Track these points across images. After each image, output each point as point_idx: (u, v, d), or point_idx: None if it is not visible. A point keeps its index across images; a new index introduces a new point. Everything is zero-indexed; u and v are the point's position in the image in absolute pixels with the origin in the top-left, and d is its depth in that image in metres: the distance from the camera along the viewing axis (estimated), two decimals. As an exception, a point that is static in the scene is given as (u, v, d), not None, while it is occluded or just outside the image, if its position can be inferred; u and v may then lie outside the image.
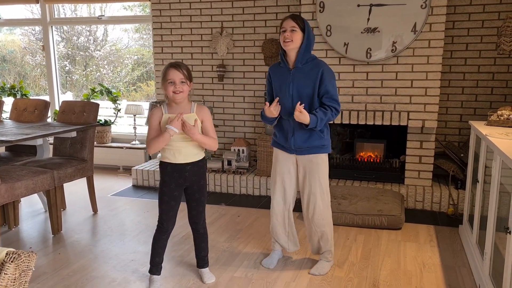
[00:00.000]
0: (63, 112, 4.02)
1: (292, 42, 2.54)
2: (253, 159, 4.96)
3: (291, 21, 2.55)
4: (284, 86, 2.65)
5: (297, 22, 2.55)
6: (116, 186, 4.87)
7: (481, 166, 2.87)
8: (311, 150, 2.70)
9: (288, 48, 2.58)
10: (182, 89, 2.43)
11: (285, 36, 2.54)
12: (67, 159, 3.80)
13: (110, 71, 6.45)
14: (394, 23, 3.90)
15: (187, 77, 2.44)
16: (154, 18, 5.10)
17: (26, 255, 1.32)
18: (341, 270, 2.89)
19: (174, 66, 2.44)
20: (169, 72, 2.43)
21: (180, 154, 2.51)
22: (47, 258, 3.09)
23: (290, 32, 2.54)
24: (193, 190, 2.60)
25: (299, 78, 2.61)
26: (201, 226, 2.71)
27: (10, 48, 6.79)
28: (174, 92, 2.42)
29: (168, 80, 2.43)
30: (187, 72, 2.46)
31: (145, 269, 2.92)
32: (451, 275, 2.83)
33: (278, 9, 4.70)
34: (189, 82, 2.46)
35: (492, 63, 4.20)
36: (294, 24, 2.54)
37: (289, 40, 2.54)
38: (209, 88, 5.07)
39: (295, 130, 2.68)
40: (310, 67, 2.61)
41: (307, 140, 2.67)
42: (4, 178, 3.10)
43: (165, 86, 2.45)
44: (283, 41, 2.56)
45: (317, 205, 2.74)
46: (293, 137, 2.69)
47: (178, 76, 2.42)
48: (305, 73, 2.61)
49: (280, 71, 2.69)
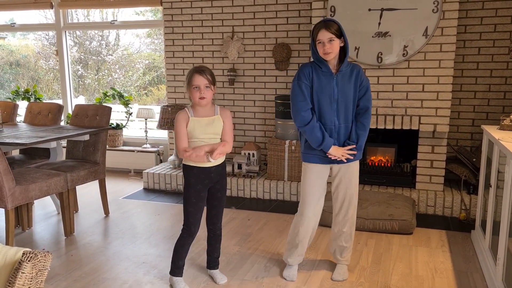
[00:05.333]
0: (76, 116, 4.07)
1: (332, 53, 2.49)
2: (263, 163, 4.97)
3: (327, 32, 2.47)
4: (327, 91, 2.57)
5: (333, 31, 2.47)
6: (128, 189, 4.91)
7: (494, 171, 2.85)
8: (352, 159, 2.65)
9: (329, 59, 2.52)
10: (206, 94, 2.46)
11: (325, 49, 2.47)
12: (80, 162, 3.84)
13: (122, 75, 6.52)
14: (405, 27, 3.89)
15: (211, 81, 2.47)
16: (165, 23, 5.15)
17: (43, 255, 1.34)
18: (352, 275, 2.88)
19: (199, 72, 2.45)
20: (194, 78, 2.45)
21: None
22: (60, 260, 3.12)
23: (329, 43, 2.47)
24: (216, 189, 2.63)
25: (343, 82, 2.57)
26: (218, 227, 2.74)
27: (24, 53, 6.90)
28: (200, 98, 2.45)
29: (193, 85, 2.45)
30: (211, 76, 2.48)
31: (156, 271, 2.94)
32: (464, 280, 2.81)
33: (288, 13, 4.71)
34: (213, 87, 2.49)
35: (505, 67, 4.17)
36: (331, 35, 2.46)
37: (329, 52, 2.48)
38: (220, 92, 5.09)
39: (340, 136, 2.62)
40: (350, 70, 2.59)
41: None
42: (18, 181, 3.14)
43: (190, 91, 2.48)
44: (323, 54, 2.49)
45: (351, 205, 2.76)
46: (337, 142, 2.63)
47: (203, 81, 2.44)
48: (348, 77, 2.58)
49: (322, 74, 2.58)
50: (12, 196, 3.06)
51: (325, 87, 2.57)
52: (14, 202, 3.08)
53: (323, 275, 2.88)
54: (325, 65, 2.56)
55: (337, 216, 2.82)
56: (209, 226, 2.74)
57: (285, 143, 4.44)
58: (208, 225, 2.74)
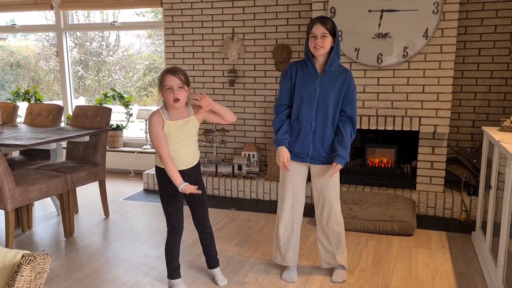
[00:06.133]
0: (76, 117, 4.07)
1: (323, 48, 2.49)
2: (264, 164, 4.96)
3: (321, 27, 2.48)
4: (309, 90, 2.57)
5: (327, 27, 2.48)
6: (128, 190, 4.91)
7: (494, 172, 2.85)
8: (327, 160, 2.63)
9: (319, 54, 2.52)
10: (180, 95, 2.40)
11: (317, 43, 2.48)
12: (80, 163, 3.84)
13: (122, 76, 6.52)
14: (405, 28, 3.89)
15: (184, 82, 2.41)
16: (166, 24, 5.15)
17: (42, 258, 1.34)
18: (352, 276, 2.87)
19: (171, 72, 2.40)
20: (166, 78, 2.39)
21: (179, 161, 2.50)
22: (60, 261, 3.12)
23: (321, 38, 2.48)
24: None
25: (327, 83, 2.56)
26: (208, 226, 2.72)
27: (24, 54, 6.90)
28: (174, 100, 2.39)
29: (165, 86, 2.39)
30: (184, 76, 2.42)
31: (156, 272, 2.94)
32: (464, 282, 2.80)
33: (289, 14, 4.71)
34: (186, 87, 2.43)
35: (505, 68, 4.17)
36: (325, 30, 2.47)
37: (320, 47, 2.48)
38: (220, 93, 5.09)
39: (315, 137, 2.61)
40: (338, 73, 2.57)
41: (328, 149, 2.61)
42: (18, 182, 3.14)
43: (163, 92, 2.42)
44: (313, 47, 2.50)
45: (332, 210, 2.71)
46: (312, 142, 2.62)
47: (176, 81, 2.38)
48: (333, 79, 2.56)
49: (306, 73, 2.59)
50: (12, 197, 3.05)
51: (308, 86, 2.58)
52: (14, 203, 3.08)
53: (323, 277, 2.88)
54: (311, 64, 2.57)
55: (320, 218, 2.78)
56: (199, 228, 2.71)
57: (285, 144, 4.44)
58: (198, 227, 2.71)
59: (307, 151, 2.63)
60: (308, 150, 2.63)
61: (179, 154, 2.49)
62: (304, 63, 2.61)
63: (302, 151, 2.64)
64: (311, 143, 2.61)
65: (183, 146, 2.49)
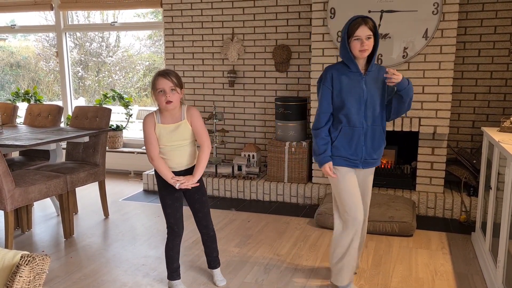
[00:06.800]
0: (76, 117, 4.07)
1: (368, 50, 2.40)
2: (264, 165, 4.96)
3: (366, 28, 2.38)
4: (357, 93, 2.45)
5: (371, 27, 2.39)
6: (127, 191, 4.90)
7: (494, 173, 2.85)
8: (376, 162, 2.59)
9: (364, 56, 2.42)
10: (173, 98, 2.40)
11: (364, 46, 2.37)
12: (79, 163, 3.84)
13: (122, 77, 6.52)
14: (405, 29, 3.89)
15: (176, 84, 2.41)
16: (166, 25, 5.15)
17: (41, 258, 1.34)
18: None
19: (163, 75, 2.40)
20: (158, 81, 2.39)
21: (173, 163, 2.53)
22: (59, 262, 3.12)
23: (367, 40, 2.37)
24: (192, 192, 2.59)
25: (371, 83, 2.47)
26: (211, 229, 2.72)
27: (24, 54, 6.90)
28: (166, 102, 2.40)
29: (158, 89, 2.40)
30: (177, 79, 2.42)
31: (156, 273, 2.94)
32: (464, 282, 2.80)
33: (289, 15, 4.71)
34: (179, 89, 2.43)
35: (505, 69, 4.17)
36: (370, 32, 2.38)
37: (367, 49, 2.38)
38: (220, 94, 5.09)
39: (367, 139, 2.52)
40: (377, 70, 2.50)
41: (378, 149, 2.55)
42: (18, 182, 3.14)
43: (155, 95, 2.43)
44: (359, 51, 2.38)
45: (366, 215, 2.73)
46: (364, 146, 2.52)
47: (168, 84, 2.38)
48: (375, 77, 2.48)
49: (351, 75, 2.47)
50: (12, 198, 3.05)
51: (354, 88, 2.46)
52: (14, 204, 3.08)
53: (323, 277, 2.87)
54: (354, 65, 2.45)
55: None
56: (202, 230, 2.71)
57: (285, 145, 4.44)
58: (200, 229, 2.71)
59: (361, 156, 2.53)
60: (362, 154, 2.52)
61: (173, 156, 2.51)
62: (345, 66, 2.48)
63: (356, 156, 2.52)
64: (363, 146, 2.51)
65: (176, 148, 2.50)
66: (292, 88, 4.82)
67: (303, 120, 4.52)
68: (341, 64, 2.52)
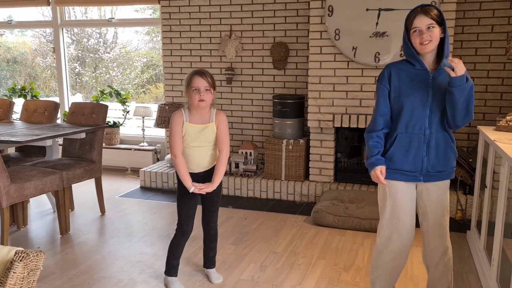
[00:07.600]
0: (72, 114, 4.06)
1: (432, 43, 2.04)
2: (261, 162, 4.96)
3: (425, 17, 2.02)
4: (421, 94, 2.10)
5: (433, 16, 2.03)
6: (124, 188, 4.90)
7: (489, 172, 2.86)
8: (442, 175, 2.18)
9: (427, 51, 2.07)
10: (206, 97, 2.44)
11: (423, 38, 2.02)
12: (76, 160, 3.83)
13: (120, 73, 6.51)
14: (402, 27, 3.87)
15: (211, 84, 2.46)
16: (163, 21, 5.14)
17: (35, 255, 1.33)
18: (347, 274, 2.88)
19: (199, 74, 2.44)
20: (194, 80, 2.43)
21: (193, 164, 2.55)
22: (55, 258, 3.12)
23: (428, 31, 2.02)
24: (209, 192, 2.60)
25: (438, 82, 2.10)
26: (213, 227, 2.73)
27: (21, 50, 6.88)
28: (199, 100, 2.43)
29: (193, 87, 2.43)
30: (212, 80, 2.47)
31: (151, 270, 2.94)
32: (459, 280, 2.81)
33: (287, 12, 4.71)
34: (213, 90, 2.47)
35: (502, 68, 4.18)
36: (430, 21, 2.02)
37: (428, 41, 2.03)
38: (218, 91, 5.06)
39: (430, 149, 2.14)
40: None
41: (443, 159, 2.16)
42: (13, 179, 3.13)
43: (189, 93, 2.46)
44: (420, 44, 2.04)
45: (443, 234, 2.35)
46: (426, 156, 2.14)
47: (203, 84, 2.43)
48: (444, 76, 2.08)
49: (414, 73, 2.13)
50: (7, 194, 3.05)
51: (418, 89, 2.11)
52: (9, 200, 3.07)
53: (319, 274, 2.88)
54: (419, 62, 2.11)
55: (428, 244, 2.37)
56: (204, 226, 2.74)
57: (282, 143, 4.44)
58: (203, 225, 2.74)
59: (420, 167, 2.16)
60: (422, 165, 2.15)
61: (193, 156, 2.53)
62: (409, 63, 2.15)
63: (415, 168, 2.16)
64: (425, 157, 2.14)
65: (199, 150, 2.52)
66: (289, 85, 4.82)
67: (300, 118, 4.52)
68: (404, 61, 2.19)
